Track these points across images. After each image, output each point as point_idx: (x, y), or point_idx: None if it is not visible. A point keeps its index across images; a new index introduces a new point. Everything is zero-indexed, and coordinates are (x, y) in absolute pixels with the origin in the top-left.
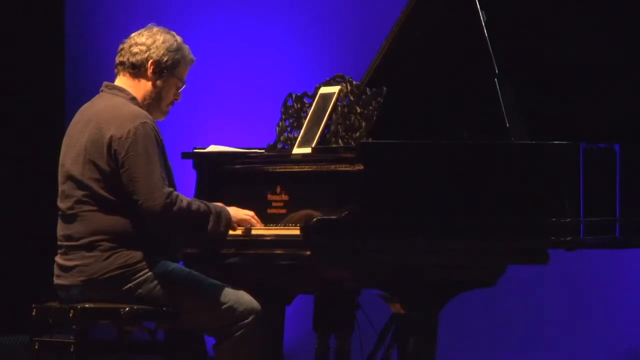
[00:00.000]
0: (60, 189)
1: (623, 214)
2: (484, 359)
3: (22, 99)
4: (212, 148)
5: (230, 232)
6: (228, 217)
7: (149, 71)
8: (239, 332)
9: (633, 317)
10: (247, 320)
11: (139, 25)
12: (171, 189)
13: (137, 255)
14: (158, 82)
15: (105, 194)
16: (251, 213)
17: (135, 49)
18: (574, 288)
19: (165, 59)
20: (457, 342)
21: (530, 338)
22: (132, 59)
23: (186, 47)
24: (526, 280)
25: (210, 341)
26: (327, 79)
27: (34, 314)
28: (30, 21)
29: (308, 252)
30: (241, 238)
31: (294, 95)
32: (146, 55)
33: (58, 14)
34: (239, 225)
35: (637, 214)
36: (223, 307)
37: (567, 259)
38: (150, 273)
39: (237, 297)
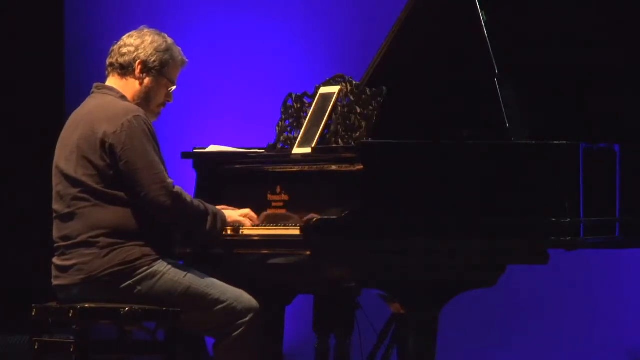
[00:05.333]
0: (55, 190)
1: (623, 214)
2: (483, 359)
3: (22, 100)
4: (212, 148)
5: (231, 232)
6: (223, 219)
7: (137, 71)
8: (238, 331)
9: (633, 317)
10: (246, 319)
11: (139, 25)
12: (173, 181)
13: (137, 252)
14: (145, 82)
15: (101, 189)
16: (246, 211)
17: (124, 50)
18: (574, 288)
19: (152, 59)
20: (457, 342)
21: (530, 338)
22: (121, 60)
23: (177, 49)
24: (526, 280)
25: (210, 341)
26: (327, 79)
27: (34, 314)
28: (31, 22)
29: (308, 252)
30: (241, 238)
31: (294, 95)
32: (134, 55)
33: (58, 15)
34: (234, 226)
35: (637, 214)
36: (222, 305)
37: (567, 259)
38: (150, 270)
39: (236, 296)
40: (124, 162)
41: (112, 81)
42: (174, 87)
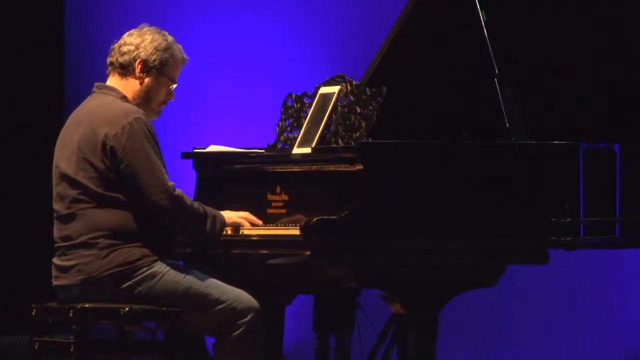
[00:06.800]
0: (55, 190)
1: (623, 214)
2: (484, 359)
3: (22, 100)
4: (212, 148)
5: (231, 232)
6: (222, 221)
7: (137, 70)
8: (238, 331)
9: (633, 317)
10: (246, 319)
11: (139, 25)
12: (174, 183)
13: (137, 252)
14: (146, 81)
15: (101, 191)
16: (245, 214)
17: (124, 49)
18: (573, 288)
19: (152, 58)
20: (457, 342)
21: (530, 338)
22: (121, 59)
23: (177, 47)
24: (526, 280)
25: (210, 341)
26: (327, 79)
27: (34, 314)
28: (31, 22)
29: (308, 252)
30: (241, 238)
31: (294, 95)
32: (134, 54)
33: (58, 15)
34: (234, 227)
35: (637, 214)
36: (222, 305)
37: (567, 259)
38: (150, 271)
39: (236, 296)
40: (124, 164)
41: (113, 81)
42: (174, 86)
